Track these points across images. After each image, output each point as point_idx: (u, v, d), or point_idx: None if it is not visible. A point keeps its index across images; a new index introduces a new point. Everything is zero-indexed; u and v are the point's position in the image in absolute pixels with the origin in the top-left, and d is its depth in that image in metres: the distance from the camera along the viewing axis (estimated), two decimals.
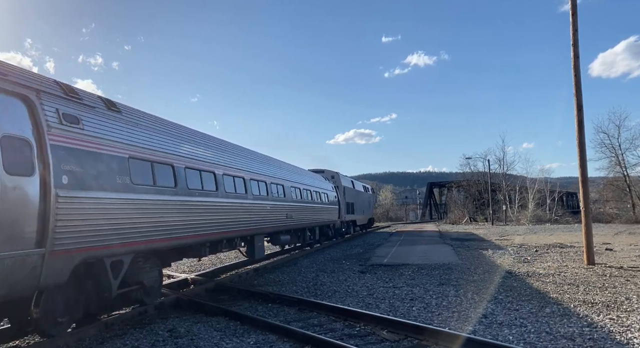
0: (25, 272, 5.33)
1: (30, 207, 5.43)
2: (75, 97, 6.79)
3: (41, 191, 5.57)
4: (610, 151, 49.01)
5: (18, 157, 5.38)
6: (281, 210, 14.95)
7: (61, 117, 6.18)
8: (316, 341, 6.13)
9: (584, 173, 13.93)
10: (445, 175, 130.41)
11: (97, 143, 6.74)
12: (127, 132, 7.62)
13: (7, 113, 5.43)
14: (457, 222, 54.91)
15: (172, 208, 8.34)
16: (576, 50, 13.98)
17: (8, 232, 5.09)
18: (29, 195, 5.44)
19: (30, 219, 5.41)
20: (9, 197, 5.15)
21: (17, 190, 5.27)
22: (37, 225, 5.47)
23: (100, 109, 7.26)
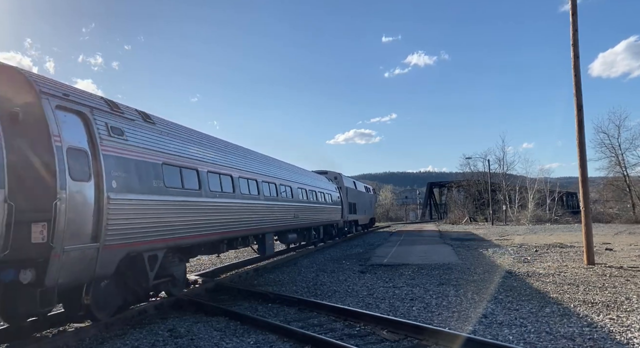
0: (84, 262, 6.31)
1: (88, 207, 6.38)
2: (118, 112, 7.75)
3: (96, 194, 6.51)
4: (610, 151, 49.06)
5: (78, 165, 6.30)
6: (289, 210, 15.87)
7: (110, 130, 7.14)
8: (316, 341, 6.13)
9: (584, 173, 13.93)
10: (445, 175, 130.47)
11: (138, 151, 7.69)
12: (161, 141, 8.64)
13: (70, 128, 6.35)
14: (457, 222, 54.90)
15: (196, 208, 9.28)
16: (576, 50, 13.98)
17: (73, 229, 6.02)
18: (87, 197, 6.38)
19: (88, 218, 6.36)
20: (73, 199, 6.09)
21: (78, 193, 6.20)
22: (93, 223, 6.42)
23: (138, 121, 8.26)
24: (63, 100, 6.43)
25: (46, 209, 5.73)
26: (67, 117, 6.38)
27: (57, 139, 6.03)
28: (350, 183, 30.81)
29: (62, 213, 5.86)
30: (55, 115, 6.15)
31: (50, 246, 5.73)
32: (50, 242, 5.74)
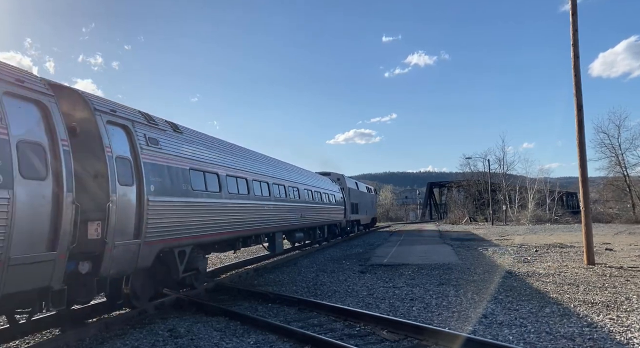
0: (129, 256, 7.19)
1: (132, 208, 7.28)
2: (153, 123, 8.64)
3: (137, 197, 7.42)
4: (610, 151, 49.06)
5: (124, 172, 7.20)
6: (296, 210, 16.78)
7: (147, 140, 8.06)
8: (316, 341, 6.13)
9: (584, 173, 13.93)
10: (445, 175, 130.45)
11: (170, 158, 8.62)
12: (188, 148, 9.54)
13: (117, 140, 7.26)
14: (457, 222, 54.90)
15: (217, 209, 10.23)
16: (576, 50, 13.98)
17: (120, 227, 6.91)
18: (131, 200, 7.29)
19: (132, 218, 7.28)
20: (121, 201, 7.00)
21: (124, 196, 7.13)
22: (135, 222, 7.33)
23: (169, 132, 9.15)
24: (112, 116, 7.38)
25: (100, 210, 6.67)
26: (114, 130, 7.33)
27: (109, 149, 6.98)
28: (352, 184, 31.48)
29: (113, 214, 6.79)
30: (106, 129, 7.11)
31: (104, 241, 6.64)
32: (104, 238, 6.65)
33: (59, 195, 5.87)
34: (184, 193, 8.81)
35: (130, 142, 7.60)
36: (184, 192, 8.82)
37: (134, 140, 7.66)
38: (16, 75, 5.71)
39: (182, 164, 8.97)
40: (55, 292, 5.90)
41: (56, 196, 5.83)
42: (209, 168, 10.15)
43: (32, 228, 5.46)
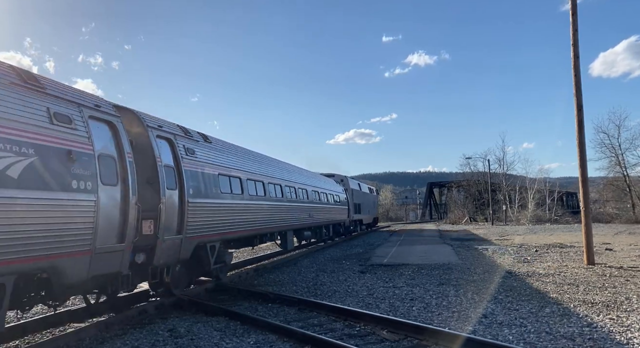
0: (174, 249, 8.46)
1: (176, 209, 8.50)
2: (189, 135, 9.99)
3: (179, 199, 8.64)
4: (610, 151, 49.07)
5: (170, 178, 8.41)
6: (305, 210, 17.99)
7: (186, 151, 9.33)
8: (316, 341, 6.13)
9: (584, 173, 13.93)
10: (445, 175, 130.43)
11: (203, 166, 9.85)
12: (216, 156, 10.84)
13: (164, 151, 8.58)
14: (457, 222, 54.90)
15: (240, 209, 11.51)
16: (576, 50, 13.98)
17: (167, 224, 8.18)
18: (175, 201, 8.51)
19: (175, 217, 8.50)
20: (168, 203, 8.21)
21: (170, 199, 8.33)
22: (178, 220, 8.57)
23: (201, 142, 10.46)
24: (159, 131, 8.68)
25: (153, 210, 7.86)
26: (161, 142, 8.61)
27: (159, 159, 8.26)
28: (355, 185, 32.47)
29: (163, 213, 8.04)
30: (156, 142, 8.38)
31: (156, 236, 7.90)
32: (156, 234, 7.89)
33: (126, 198, 7.05)
34: (215, 195, 10.14)
35: (173, 153, 8.91)
36: (215, 194, 10.15)
37: (176, 151, 8.98)
38: (95, 101, 7.12)
39: (212, 170, 10.29)
40: (124, 277, 7.26)
41: (124, 199, 7.03)
42: (233, 173, 11.43)
43: (108, 224, 6.67)
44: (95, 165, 6.46)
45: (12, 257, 5.13)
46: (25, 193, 5.29)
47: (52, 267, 5.80)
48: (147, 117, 8.74)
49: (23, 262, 5.31)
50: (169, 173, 8.48)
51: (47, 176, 5.68)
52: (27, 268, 5.50)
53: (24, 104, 5.66)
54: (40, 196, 5.52)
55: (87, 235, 6.24)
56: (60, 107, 6.25)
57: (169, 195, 8.27)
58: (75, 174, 6.08)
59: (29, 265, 5.46)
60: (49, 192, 5.64)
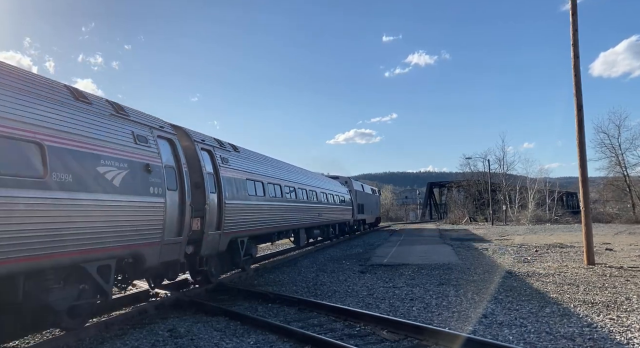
0: (214, 242, 10.08)
1: (215, 209, 10.09)
2: (223, 147, 11.69)
3: (218, 201, 10.23)
4: (610, 151, 49.06)
5: (211, 183, 10.08)
6: (315, 210, 19.49)
7: (222, 160, 10.95)
8: (316, 341, 6.13)
9: (584, 173, 13.93)
10: (445, 175, 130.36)
11: (234, 172, 11.47)
12: (244, 164, 12.46)
13: (206, 161, 10.21)
14: (457, 222, 54.89)
15: (263, 209, 13.12)
16: (576, 50, 13.97)
17: (210, 222, 9.78)
18: (215, 203, 10.09)
19: (216, 215, 10.09)
20: (211, 204, 9.82)
21: (212, 200, 9.95)
22: (217, 218, 10.15)
23: (232, 152, 12.12)
24: (203, 144, 10.37)
25: (200, 210, 9.35)
26: (204, 154, 10.23)
27: (204, 168, 9.87)
28: (359, 186, 33.85)
29: (207, 213, 9.62)
30: (201, 154, 10.03)
31: (202, 232, 9.47)
32: (202, 230, 9.45)
33: (183, 200, 8.57)
34: (244, 197, 11.78)
35: (213, 162, 10.50)
36: (244, 196, 11.79)
37: (215, 160, 10.61)
38: (160, 123, 8.91)
39: (241, 176, 11.88)
40: (181, 264, 8.97)
41: (181, 201, 8.54)
42: (256, 178, 12.99)
43: (172, 222, 8.19)
44: (163, 174, 8.06)
45: (115, 245, 6.78)
46: (123, 198, 6.90)
47: (136, 254, 7.43)
48: (193, 132, 10.42)
49: (120, 250, 6.97)
50: (211, 179, 10.14)
51: (135, 184, 7.27)
52: (122, 254, 7.14)
53: (118, 129, 7.31)
54: (131, 199, 7.12)
55: (158, 230, 7.81)
56: (140, 130, 7.90)
57: (211, 198, 9.94)
58: (151, 182, 7.68)
59: (124, 252, 7.11)
60: (136, 196, 7.25)
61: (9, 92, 5.44)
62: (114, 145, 6.98)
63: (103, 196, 6.51)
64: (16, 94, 5.53)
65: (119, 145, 7.11)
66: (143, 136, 7.88)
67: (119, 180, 6.89)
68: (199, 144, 10.16)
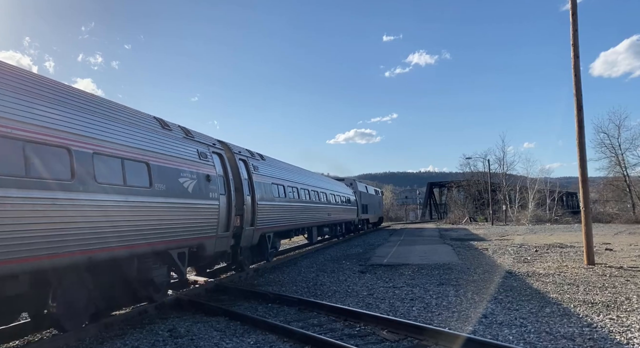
0: (249, 236, 12.25)
1: (250, 208, 12.19)
2: (254, 156, 13.78)
3: (252, 201, 12.33)
4: (610, 151, 49.07)
5: (246, 187, 12.13)
6: (325, 210, 21.63)
7: (253, 168, 13.00)
8: (316, 341, 6.13)
9: (584, 173, 13.92)
10: (446, 175, 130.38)
11: (263, 178, 13.51)
12: (269, 170, 14.58)
13: (243, 169, 12.30)
14: (457, 222, 54.88)
15: (285, 208, 15.35)
16: (576, 51, 13.97)
17: (247, 219, 11.92)
18: (250, 203, 12.18)
19: (250, 214, 12.20)
20: (247, 205, 11.99)
21: (248, 201, 12.06)
22: (251, 216, 12.27)
23: (260, 160, 14.23)
24: (240, 155, 12.56)
25: (239, 209, 11.51)
26: (241, 163, 12.33)
27: (242, 175, 12.10)
28: (363, 188, 35.61)
29: (245, 212, 11.82)
30: (239, 163, 12.15)
31: (242, 227, 11.69)
32: (242, 225, 11.69)
33: (229, 202, 10.71)
34: (270, 199, 13.90)
35: (247, 169, 12.61)
36: (270, 198, 13.88)
37: (249, 168, 12.71)
38: (213, 141, 11.14)
39: (268, 180, 13.99)
40: (227, 254, 11.32)
41: (228, 203, 10.64)
42: (279, 182, 15.13)
43: (222, 219, 10.27)
44: (217, 182, 10.13)
45: (188, 237, 8.88)
46: (194, 201, 9.00)
47: (200, 244, 9.49)
48: (233, 146, 12.58)
49: (191, 241, 9.07)
50: (246, 184, 12.17)
51: (200, 190, 9.29)
52: (192, 244, 9.20)
53: (189, 149, 9.42)
54: (199, 202, 9.19)
55: (214, 226, 9.86)
56: (202, 148, 10.06)
57: (247, 200, 12.03)
58: (210, 189, 9.70)
59: (193, 243, 9.19)
60: (201, 200, 9.30)
61: (131, 128, 7.69)
62: (187, 162, 9.09)
63: (183, 200, 8.64)
64: (134, 129, 7.76)
65: (189, 161, 9.21)
66: (204, 153, 10.07)
67: (191, 188, 8.99)
68: (237, 155, 12.32)
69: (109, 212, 6.65)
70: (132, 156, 7.35)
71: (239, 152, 12.55)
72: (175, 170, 8.51)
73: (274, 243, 14.80)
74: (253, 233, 12.35)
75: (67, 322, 6.45)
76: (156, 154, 8.02)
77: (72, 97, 6.72)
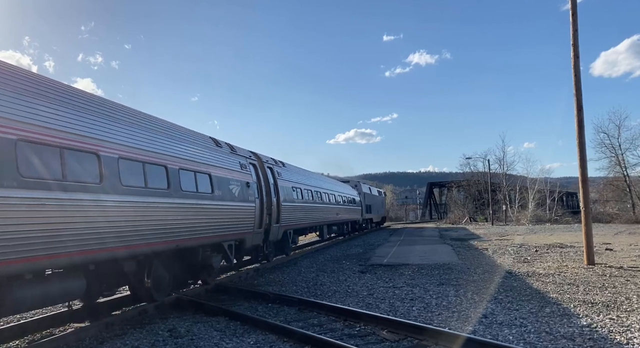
0: (276, 232, 14.41)
1: (276, 208, 14.20)
2: (277, 164, 16.01)
3: (277, 202, 14.33)
4: (610, 151, 49.06)
5: (273, 191, 14.11)
6: (334, 210, 24.22)
7: (277, 174, 15.13)
8: (316, 341, 6.13)
9: (584, 173, 13.92)
10: (446, 175, 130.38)
11: (284, 182, 15.72)
12: (289, 174, 16.95)
13: (269, 175, 14.25)
14: (457, 222, 54.89)
15: (302, 208, 17.78)
16: (576, 51, 13.97)
17: (274, 217, 14.01)
18: (275, 204, 14.16)
19: (276, 213, 14.20)
20: (274, 205, 14.08)
21: (274, 202, 14.07)
22: (277, 215, 14.30)
23: (282, 167, 16.46)
24: (267, 164, 14.68)
25: (268, 209, 13.50)
26: (268, 170, 14.44)
27: (270, 180, 14.12)
28: (366, 189, 37.75)
29: (272, 211, 13.86)
30: (267, 171, 14.31)
31: (270, 225, 13.66)
32: (270, 223, 13.69)
33: (262, 204, 12.89)
34: (291, 200, 16.25)
35: (273, 175, 14.70)
36: (291, 199, 16.26)
37: (275, 174, 14.88)
38: (249, 154, 13.42)
39: (288, 184, 16.32)
40: (260, 247, 13.44)
41: (261, 204, 12.90)
42: (297, 185, 17.51)
43: (257, 218, 12.44)
44: (253, 188, 12.45)
45: (235, 232, 11.18)
46: (240, 203, 11.45)
47: (242, 238, 11.75)
48: (263, 156, 14.76)
49: (237, 235, 11.38)
50: (272, 188, 14.23)
51: (243, 195, 11.65)
52: (237, 238, 11.44)
53: (233, 162, 11.76)
54: (242, 205, 11.61)
55: (251, 223, 12.15)
56: (242, 161, 12.42)
57: (274, 201, 14.13)
58: (249, 193, 12.06)
59: (237, 237, 11.43)
60: (244, 202, 11.70)
61: (198, 147, 10.03)
62: (233, 172, 11.46)
63: (232, 203, 11.06)
64: (200, 148, 10.12)
65: (235, 171, 11.58)
66: (244, 164, 12.48)
67: (237, 193, 11.37)
68: (266, 164, 14.55)
69: (187, 211, 8.89)
70: (200, 169, 9.68)
71: (267, 161, 14.78)
72: (226, 180, 10.84)
73: (294, 239, 17.49)
74: (278, 229, 14.66)
75: (156, 294, 8.42)
76: (215, 167, 10.39)
77: (165, 128, 9.15)
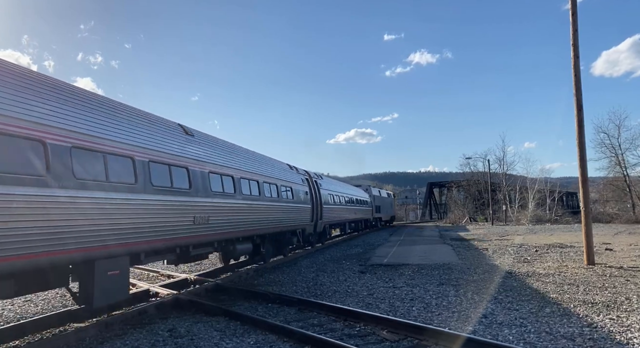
0: (320, 226, 21.13)
1: (319, 208, 20.60)
2: (318, 176, 22.99)
3: (320, 204, 20.66)
4: (610, 151, 49.09)
5: (317, 196, 20.38)
6: (353, 210, 29.76)
7: (320, 185, 21.55)
8: (316, 341, 6.13)
9: (584, 173, 13.92)
10: (446, 175, 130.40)
11: (323, 190, 21.75)
12: (326, 183, 23.40)
13: (314, 185, 20.39)
14: (457, 222, 54.89)
15: (334, 209, 23.78)
16: (576, 51, 13.97)
17: (319, 215, 20.52)
18: (318, 205, 20.48)
19: (320, 212, 20.69)
20: (317, 206, 20.26)
21: (317, 204, 20.28)
22: (320, 214, 20.66)
23: (321, 179, 22.84)
24: (314, 177, 21.11)
25: (315, 208, 19.59)
26: (311, 182, 19.84)
27: (314, 189, 20.05)
28: (376, 192, 43.25)
29: (318, 211, 20.13)
30: (313, 182, 20.16)
31: (316, 220, 20.04)
32: (316, 219, 19.96)
33: (313, 205, 19.08)
34: (327, 202, 21.88)
35: (317, 186, 20.33)
36: (327, 202, 21.88)
37: (317, 185, 20.47)
38: (304, 172, 19.92)
39: (326, 192, 22.03)
40: (312, 235, 19.96)
41: (312, 205, 19.03)
42: (330, 191, 23.26)
43: (311, 214, 18.86)
44: (309, 195, 18.44)
45: (300, 223, 17.37)
46: (303, 205, 17.66)
47: (303, 228, 18.00)
48: (310, 172, 20.52)
49: (302, 225, 17.68)
50: (317, 194, 19.84)
51: (304, 198, 17.83)
52: (302, 227, 17.75)
53: (296, 177, 17.65)
54: (305, 206, 17.78)
55: (308, 217, 18.32)
56: (302, 176, 18.62)
57: (316, 203, 19.53)
58: (307, 198, 18.18)
59: (302, 226, 17.73)
60: (305, 204, 17.82)
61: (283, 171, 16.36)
62: (299, 185, 17.52)
63: (301, 205, 17.02)
64: (287, 171, 16.95)
65: (300, 185, 17.59)
66: (304, 179, 18.55)
67: (302, 198, 17.47)
68: (313, 177, 20.42)
69: (284, 210, 14.98)
70: (285, 184, 15.71)
71: (312, 176, 20.65)
72: (297, 190, 16.98)
73: (329, 232, 25.52)
74: (322, 224, 20.85)
75: (266, 258, 14.46)
76: (294, 183, 16.82)
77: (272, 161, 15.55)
